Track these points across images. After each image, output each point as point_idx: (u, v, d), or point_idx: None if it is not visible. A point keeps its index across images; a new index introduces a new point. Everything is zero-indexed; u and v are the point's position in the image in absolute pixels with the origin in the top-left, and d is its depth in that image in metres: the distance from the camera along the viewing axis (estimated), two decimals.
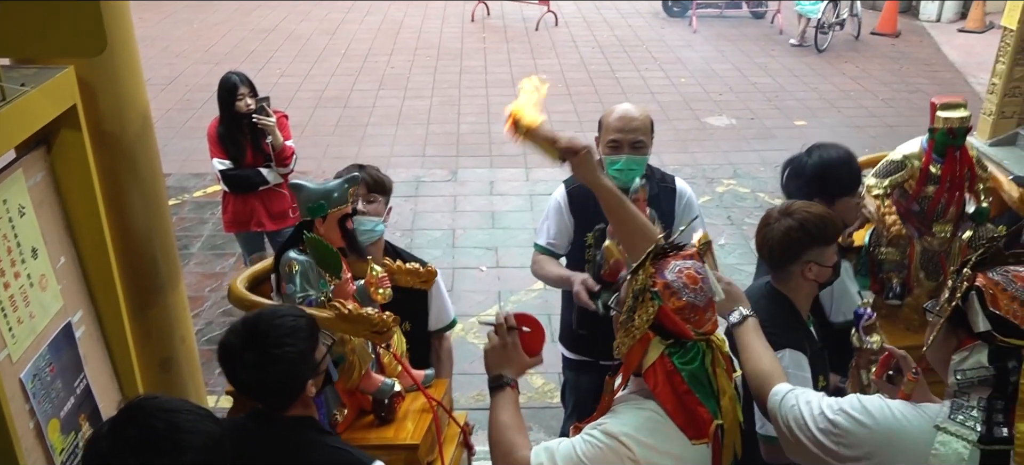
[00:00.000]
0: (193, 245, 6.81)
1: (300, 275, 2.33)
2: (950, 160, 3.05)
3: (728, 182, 8.08)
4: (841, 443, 1.90)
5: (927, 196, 3.10)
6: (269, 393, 2.01)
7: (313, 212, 2.38)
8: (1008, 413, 1.75)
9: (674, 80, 11.46)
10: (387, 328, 2.30)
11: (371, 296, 2.48)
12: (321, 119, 9.85)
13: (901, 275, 3.23)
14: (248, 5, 15.93)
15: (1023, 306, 1.75)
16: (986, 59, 9.63)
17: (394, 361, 2.58)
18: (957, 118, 3.01)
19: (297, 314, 2.05)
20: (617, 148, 3.10)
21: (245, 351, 1.95)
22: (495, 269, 6.40)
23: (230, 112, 4.80)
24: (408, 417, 2.55)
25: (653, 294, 1.90)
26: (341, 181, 2.44)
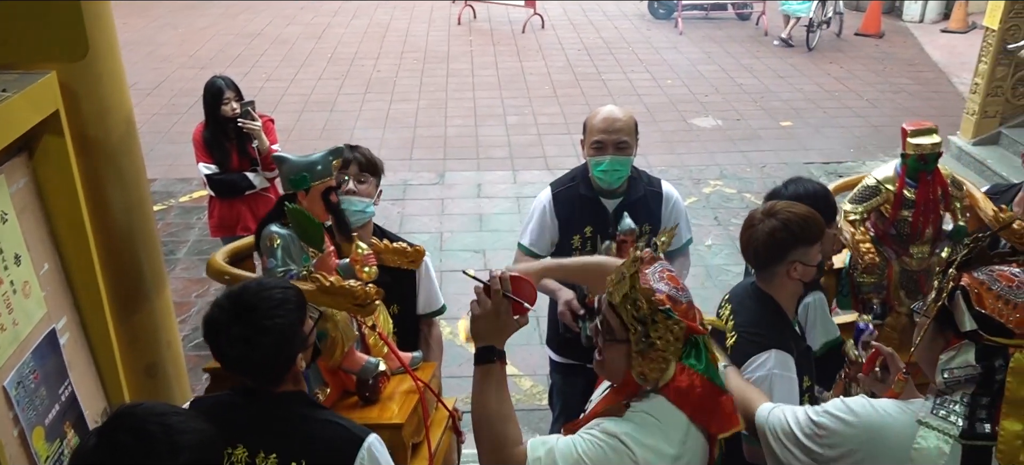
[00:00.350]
0: (179, 250, 6.78)
1: (281, 249, 2.26)
2: (924, 184, 3.10)
3: (715, 183, 8.11)
4: (825, 444, 1.92)
5: (904, 220, 3.14)
6: (258, 369, 1.94)
7: (296, 184, 2.32)
8: (991, 410, 1.77)
9: (660, 81, 11.50)
10: (370, 301, 2.22)
11: (356, 274, 2.41)
12: (308, 123, 9.83)
13: (880, 295, 3.27)
14: (234, 9, 15.88)
15: (1008, 304, 1.76)
16: (969, 59, 9.75)
17: (380, 341, 2.52)
18: (928, 144, 3.05)
19: (284, 286, 1.99)
20: (601, 149, 3.11)
21: (232, 325, 1.88)
22: (483, 272, 6.38)
23: (215, 116, 4.78)
24: (394, 398, 2.48)
25: (665, 312, 1.84)
26: (325, 153, 2.38)
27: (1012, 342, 1.75)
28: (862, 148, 8.99)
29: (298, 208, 2.29)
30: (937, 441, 1.80)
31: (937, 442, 1.80)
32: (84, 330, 2.67)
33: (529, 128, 9.68)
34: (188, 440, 1.62)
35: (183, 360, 3.29)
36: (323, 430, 1.99)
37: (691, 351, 1.90)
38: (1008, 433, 1.74)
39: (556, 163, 8.25)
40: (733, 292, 2.65)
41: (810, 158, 8.72)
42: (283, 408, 1.99)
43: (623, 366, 1.92)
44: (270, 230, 2.30)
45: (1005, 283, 1.79)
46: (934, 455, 1.79)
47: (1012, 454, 1.74)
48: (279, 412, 1.98)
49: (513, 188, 7.99)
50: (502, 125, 9.80)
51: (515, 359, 5.21)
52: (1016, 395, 1.74)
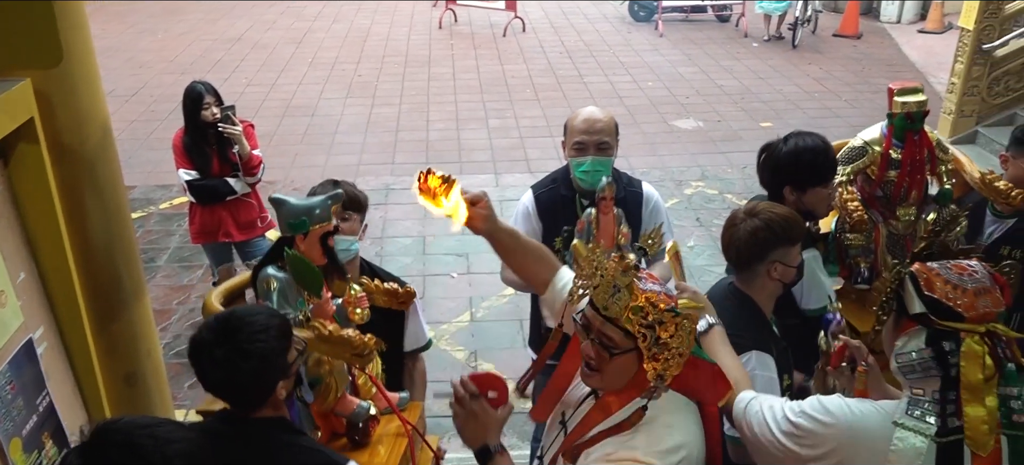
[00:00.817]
0: (160, 258, 6.73)
1: (278, 293, 2.25)
2: (910, 144, 3.10)
3: (696, 184, 8.15)
4: (803, 443, 1.94)
5: (890, 181, 3.15)
6: (238, 392, 1.96)
7: (295, 228, 2.29)
8: (959, 403, 1.80)
9: (641, 84, 11.54)
10: (368, 351, 2.23)
11: (349, 316, 2.41)
12: (289, 128, 9.79)
13: (868, 259, 3.27)
14: (213, 15, 15.79)
15: (956, 289, 1.80)
16: (946, 59, 9.85)
17: (369, 383, 2.52)
18: (914, 102, 3.06)
19: (270, 313, 2.00)
20: (582, 150, 3.12)
21: (216, 347, 1.90)
22: (466, 276, 6.39)
23: (195, 122, 4.75)
24: (382, 441, 2.51)
25: (672, 311, 1.84)
26: (324, 197, 2.36)
27: (963, 326, 1.78)
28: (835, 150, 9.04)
29: (297, 254, 2.28)
30: (914, 441, 1.82)
31: (914, 442, 1.82)
32: (62, 339, 2.63)
33: (511, 131, 9.69)
34: (178, 449, 1.61)
35: (164, 369, 3.26)
36: (305, 456, 2.00)
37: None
38: (972, 419, 1.77)
39: (538, 166, 8.26)
40: (711, 294, 2.65)
41: None
42: (265, 434, 1.99)
43: (629, 374, 1.90)
44: (267, 273, 2.29)
45: (956, 271, 1.84)
46: (911, 455, 1.81)
47: (979, 439, 1.77)
48: (261, 438, 1.98)
49: (496, 191, 7.99)
50: (484, 128, 9.80)
51: (498, 363, 5.21)
52: (971, 379, 1.77)
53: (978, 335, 1.78)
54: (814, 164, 2.91)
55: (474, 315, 5.84)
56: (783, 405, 2.03)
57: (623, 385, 1.92)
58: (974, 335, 1.77)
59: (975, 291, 1.80)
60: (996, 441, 1.78)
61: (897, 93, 3.08)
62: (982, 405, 1.76)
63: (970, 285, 1.80)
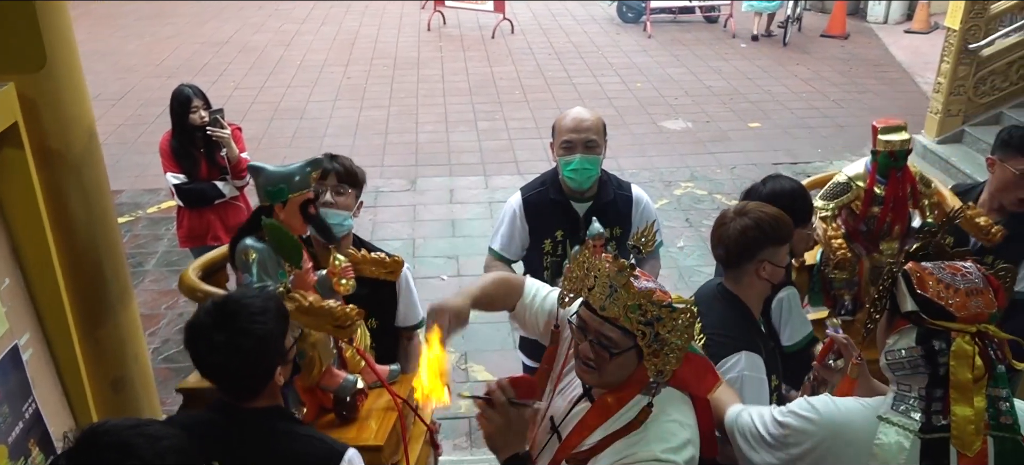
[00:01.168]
0: (148, 262, 6.69)
1: (257, 264, 2.19)
2: (893, 181, 3.14)
3: (685, 185, 8.16)
4: (790, 442, 1.96)
5: (873, 216, 3.19)
6: (238, 377, 1.92)
7: (273, 196, 2.25)
8: (946, 401, 1.81)
9: (630, 85, 11.56)
10: (350, 322, 2.19)
11: (333, 287, 2.37)
12: (277, 131, 9.75)
13: (852, 291, 3.31)
14: (200, 18, 15.74)
15: (949, 288, 1.81)
16: (932, 59, 9.90)
17: (358, 357, 2.47)
18: (898, 141, 3.10)
19: (267, 296, 1.97)
20: (571, 149, 3.13)
21: (215, 331, 1.86)
22: (456, 278, 6.38)
23: (183, 125, 4.72)
24: (371, 416, 2.46)
25: (669, 307, 1.85)
26: (303, 163, 2.31)
27: (954, 326, 1.79)
28: (829, 148, 9.09)
29: (275, 223, 2.23)
30: (897, 436, 1.83)
31: (897, 437, 1.83)
32: (48, 345, 2.62)
33: (500, 133, 9.68)
34: (169, 445, 1.60)
35: (151, 374, 3.24)
36: (302, 445, 1.97)
37: None
38: (960, 419, 1.78)
39: (528, 167, 8.26)
40: (699, 294, 2.66)
41: (779, 159, 8.81)
42: (261, 424, 1.96)
43: (629, 370, 1.92)
44: (245, 244, 2.23)
45: (949, 271, 1.85)
46: (895, 450, 1.83)
47: (965, 439, 1.78)
48: (257, 428, 1.95)
49: (485, 193, 7.99)
50: (473, 130, 9.79)
51: (489, 365, 5.21)
52: (960, 379, 1.77)
53: (969, 335, 1.78)
54: (792, 207, 2.93)
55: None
56: (770, 410, 2.06)
57: (621, 383, 1.93)
58: (965, 335, 1.78)
59: (967, 291, 1.80)
60: (983, 442, 1.78)
61: (881, 131, 3.12)
62: (970, 405, 1.77)
63: (962, 285, 1.81)
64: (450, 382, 2.06)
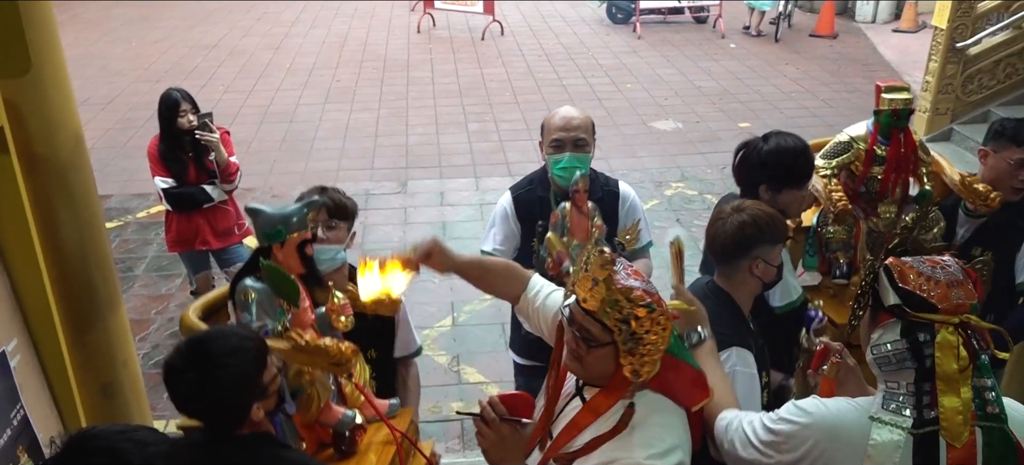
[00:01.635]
0: (137, 267, 6.66)
1: (256, 304, 2.22)
2: (895, 142, 3.13)
3: (676, 185, 8.18)
4: (783, 449, 1.95)
5: (874, 178, 3.17)
6: (210, 414, 1.95)
7: (271, 237, 2.26)
8: (934, 394, 1.81)
9: (620, 85, 11.57)
10: (346, 360, 2.21)
11: (332, 324, 2.39)
12: (267, 135, 9.72)
13: (848, 255, 3.29)
14: (189, 22, 15.68)
15: (929, 281, 1.82)
16: (920, 58, 9.94)
17: (357, 392, 2.49)
18: (901, 99, 3.09)
19: (244, 335, 1.98)
20: (560, 147, 3.14)
21: (187, 370, 1.88)
22: (447, 280, 6.37)
23: (171, 129, 4.71)
24: (371, 449, 2.47)
25: (648, 307, 1.84)
26: (300, 205, 2.33)
27: (937, 317, 1.80)
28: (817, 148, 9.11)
29: (273, 265, 2.25)
30: (891, 435, 1.83)
31: (891, 436, 1.83)
32: (36, 352, 2.60)
33: (491, 135, 9.68)
34: (158, 451, 1.61)
35: (141, 379, 3.22)
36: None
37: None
38: (947, 410, 1.79)
39: (518, 169, 8.25)
40: (690, 289, 2.66)
41: None
42: (250, 449, 1.97)
43: (609, 368, 1.91)
44: (245, 284, 2.26)
45: (930, 264, 1.86)
46: (889, 449, 1.83)
47: (954, 430, 1.79)
48: (246, 454, 1.96)
49: (476, 195, 7.98)
50: (464, 132, 9.78)
51: (481, 367, 5.20)
52: (946, 370, 1.79)
53: (952, 326, 1.79)
54: (794, 165, 2.94)
55: (456, 319, 5.82)
56: (760, 417, 2.04)
57: (607, 382, 1.93)
58: (948, 326, 1.79)
59: (948, 283, 1.82)
60: (971, 432, 1.80)
61: (884, 90, 3.12)
62: (957, 396, 1.78)
63: (942, 277, 1.83)
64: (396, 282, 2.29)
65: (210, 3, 17.08)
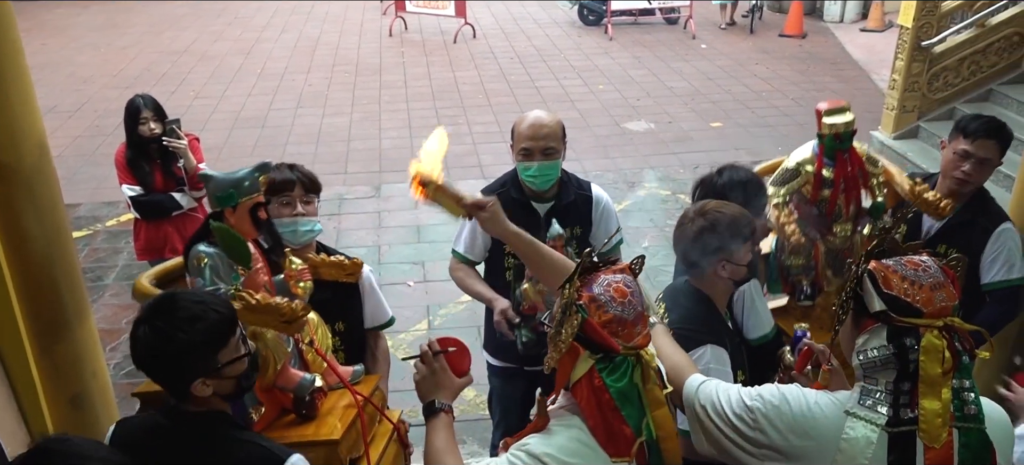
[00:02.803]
0: (107, 276, 6.58)
1: (209, 268, 2.21)
2: (841, 162, 3.16)
3: (649, 186, 8.22)
4: (756, 428, 1.95)
5: (825, 199, 3.22)
6: (158, 376, 1.94)
7: (222, 201, 2.27)
8: (912, 395, 1.81)
9: (592, 87, 11.62)
10: (296, 317, 2.18)
11: (291, 290, 2.38)
12: (238, 140, 9.65)
13: (809, 276, 3.33)
14: (158, 27, 15.52)
15: (913, 285, 1.81)
16: (887, 56, 10.07)
17: (318, 357, 2.46)
18: (842, 123, 3.12)
19: (214, 307, 1.92)
20: (528, 155, 3.14)
21: (141, 323, 1.87)
22: (423, 283, 6.36)
23: (136, 136, 4.65)
24: (333, 413, 2.43)
25: (578, 307, 1.87)
26: (251, 169, 2.34)
27: (922, 321, 1.79)
28: (790, 146, 9.07)
29: (223, 226, 2.24)
30: (865, 430, 1.83)
31: (865, 432, 1.83)
32: (3, 363, 2.56)
33: (464, 138, 9.67)
34: None
35: (111, 390, 3.18)
36: (244, 451, 1.95)
37: (608, 365, 1.87)
38: (928, 412, 1.79)
39: (492, 171, 8.25)
40: (667, 290, 2.69)
41: (740, 157, 8.85)
42: (204, 430, 1.95)
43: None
44: (197, 250, 2.25)
45: (912, 267, 1.85)
46: (862, 445, 1.83)
47: (933, 432, 1.79)
48: (200, 434, 1.94)
49: None
50: None
51: None
52: (930, 374, 1.78)
53: (937, 330, 1.79)
54: (748, 197, 2.96)
55: (432, 323, 5.81)
56: (739, 389, 2.04)
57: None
58: (933, 330, 1.79)
59: (931, 286, 1.81)
60: (948, 433, 1.79)
61: (825, 114, 3.14)
62: (938, 399, 1.78)
63: (926, 280, 1.82)
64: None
65: (179, 8, 16.92)
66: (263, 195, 2.37)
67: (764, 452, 1.94)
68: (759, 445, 1.95)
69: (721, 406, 2.02)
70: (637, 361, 1.90)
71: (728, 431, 1.99)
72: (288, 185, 2.81)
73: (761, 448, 1.94)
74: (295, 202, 2.81)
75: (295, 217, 2.79)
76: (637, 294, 1.94)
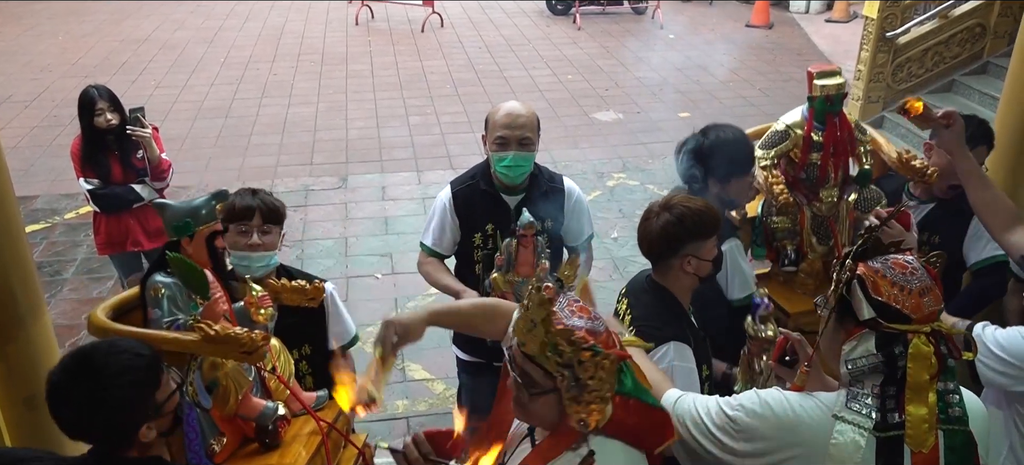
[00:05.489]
0: (66, 270, 6.42)
1: (167, 299, 2.19)
2: (830, 126, 3.15)
3: (618, 176, 8.21)
4: (741, 438, 1.90)
5: (813, 164, 3.21)
6: (96, 436, 1.84)
7: (179, 231, 2.27)
8: (899, 399, 1.79)
9: (561, 77, 11.59)
10: (256, 348, 2.13)
11: (252, 317, 2.34)
12: (201, 131, 9.47)
13: (794, 242, 3.33)
14: (118, 15, 15.20)
15: (903, 291, 1.78)
16: (852, 47, 10.18)
17: (281, 385, 2.44)
18: (833, 85, 3.11)
19: (136, 351, 1.86)
20: (504, 145, 3.09)
21: (73, 389, 1.76)
22: (390, 276, 6.30)
23: (91, 128, 4.53)
24: (297, 440, 2.41)
25: (592, 349, 1.67)
26: (208, 197, 2.32)
27: (910, 328, 1.77)
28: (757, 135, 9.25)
29: (179, 256, 2.19)
30: (853, 435, 1.80)
31: (853, 436, 1.80)
32: None
33: (432, 128, 9.60)
34: None
35: None
36: None
37: (620, 377, 1.75)
38: (914, 418, 1.77)
39: (460, 162, 8.20)
40: (629, 286, 2.65)
41: None
42: None
43: (554, 414, 1.75)
44: (154, 280, 2.23)
45: (899, 270, 1.81)
46: (851, 449, 1.80)
47: (919, 437, 1.77)
48: None
49: (418, 189, 7.90)
50: (405, 126, 9.68)
51: (426, 363, 5.14)
52: (917, 380, 1.76)
53: (924, 335, 1.77)
54: (735, 155, 2.96)
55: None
56: (717, 400, 1.99)
57: (556, 428, 1.78)
58: (920, 335, 1.76)
59: (920, 291, 1.78)
60: (934, 436, 1.78)
61: (816, 76, 3.14)
62: (925, 404, 1.77)
63: (915, 285, 1.79)
64: (379, 390, 1.99)
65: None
66: (220, 221, 2.34)
67: (750, 462, 1.90)
68: (745, 455, 1.90)
69: (701, 420, 1.96)
70: (627, 365, 1.81)
71: (710, 446, 1.94)
72: (247, 213, 2.70)
73: (747, 458, 1.90)
74: (252, 232, 2.70)
75: (250, 249, 2.69)
76: (592, 311, 1.80)
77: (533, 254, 3.03)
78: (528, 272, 3.01)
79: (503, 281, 3.05)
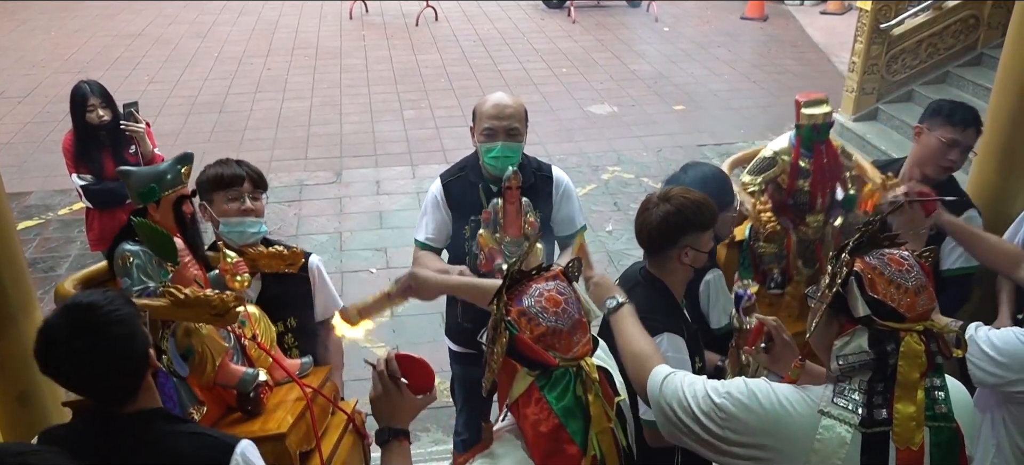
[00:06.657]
0: (60, 266, 6.41)
1: (136, 267, 2.13)
2: (818, 155, 3.19)
3: (613, 169, 8.21)
4: (727, 427, 1.89)
5: (801, 190, 3.23)
6: (107, 385, 1.77)
7: (145, 197, 2.21)
8: (886, 395, 1.78)
9: (556, 70, 11.57)
10: (227, 309, 2.09)
11: (227, 285, 2.31)
12: (195, 126, 9.44)
13: (780, 265, 3.36)
14: (110, 10, 15.13)
15: (899, 289, 1.77)
16: (847, 39, 10.17)
17: (262, 352, 2.41)
18: (820, 114, 3.16)
19: (114, 296, 1.80)
20: (492, 136, 3.08)
21: (73, 338, 1.70)
22: (385, 270, 6.29)
23: (84, 124, 4.51)
24: (281, 407, 2.37)
25: (507, 324, 1.74)
26: (173, 161, 2.28)
27: (903, 326, 1.76)
28: (752, 128, 9.27)
29: (144, 221, 2.17)
30: (839, 430, 1.80)
31: (839, 431, 1.80)
32: None
33: (426, 122, 9.58)
34: None
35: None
36: (189, 443, 1.85)
37: (548, 381, 1.74)
38: (902, 415, 1.76)
39: (455, 156, 8.10)
40: (623, 278, 2.67)
41: (703, 140, 8.94)
42: (141, 428, 1.83)
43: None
44: (122, 249, 2.18)
45: (895, 267, 1.80)
46: (836, 444, 1.79)
47: (907, 435, 1.76)
48: (138, 433, 1.82)
49: (413, 183, 7.89)
50: (399, 120, 9.66)
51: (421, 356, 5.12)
52: (908, 378, 1.76)
53: (916, 333, 1.76)
54: (715, 191, 2.95)
55: (394, 310, 5.72)
56: (704, 383, 1.97)
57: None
58: (913, 334, 1.76)
59: (916, 289, 1.78)
60: (921, 433, 1.77)
61: (804, 106, 3.17)
62: (913, 402, 1.76)
63: (911, 282, 1.78)
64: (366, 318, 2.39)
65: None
66: (204, 192, 2.31)
67: (734, 450, 1.89)
68: (729, 442, 1.89)
69: (688, 402, 1.95)
70: (578, 372, 1.77)
71: (696, 429, 1.93)
72: (237, 180, 2.73)
73: (731, 446, 1.89)
74: (243, 197, 2.72)
75: (243, 214, 2.70)
76: (573, 301, 1.81)
77: (519, 211, 3.02)
78: (515, 232, 3.00)
79: (490, 238, 3.04)
